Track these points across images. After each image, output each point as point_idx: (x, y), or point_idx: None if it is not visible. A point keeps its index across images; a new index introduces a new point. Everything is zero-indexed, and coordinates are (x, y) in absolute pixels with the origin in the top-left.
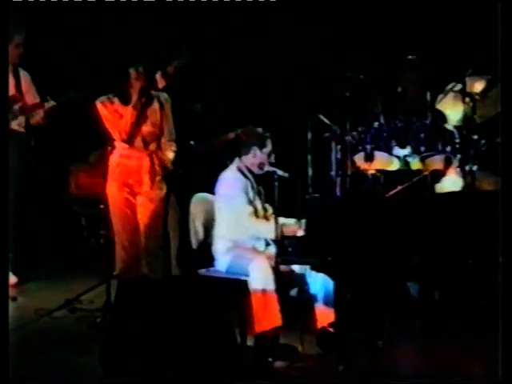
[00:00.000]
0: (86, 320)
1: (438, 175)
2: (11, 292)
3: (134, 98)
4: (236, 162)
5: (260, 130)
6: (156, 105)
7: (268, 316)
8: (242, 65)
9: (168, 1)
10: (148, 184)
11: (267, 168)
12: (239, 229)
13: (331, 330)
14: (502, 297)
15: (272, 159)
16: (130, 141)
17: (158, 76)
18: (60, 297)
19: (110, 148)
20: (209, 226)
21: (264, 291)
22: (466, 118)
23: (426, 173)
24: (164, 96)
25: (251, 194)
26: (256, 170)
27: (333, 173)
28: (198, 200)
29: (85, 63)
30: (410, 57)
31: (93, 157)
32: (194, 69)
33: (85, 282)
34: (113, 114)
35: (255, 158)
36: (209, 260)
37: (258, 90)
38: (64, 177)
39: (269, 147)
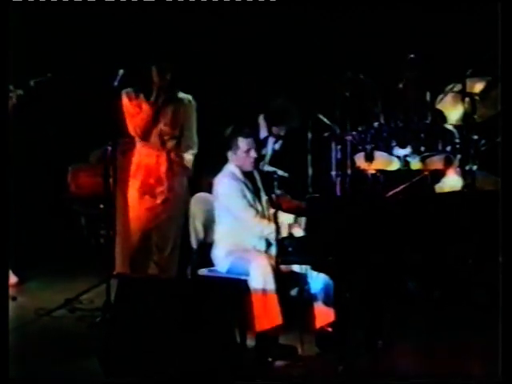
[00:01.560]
0: (85, 320)
1: (438, 175)
2: (11, 291)
3: (154, 95)
4: (228, 165)
5: (229, 130)
6: (179, 106)
7: (268, 315)
8: (242, 65)
9: (168, 1)
10: (168, 183)
11: (267, 168)
12: (242, 233)
13: (330, 329)
14: (502, 296)
15: (252, 155)
16: (145, 137)
17: None
18: (60, 296)
19: (109, 147)
20: (209, 226)
21: (264, 291)
22: (466, 118)
23: (426, 173)
24: (189, 98)
25: (249, 196)
26: (245, 170)
27: (333, 172)
28: (198, 199)
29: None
30: (410, 56)
31: (93, 156)
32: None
33: (85, 282)
34: (134, 108)
35: (235, 160)
36: (209, 259)
37: (258, 90)
38: (64, 176)
39: (243, 147)
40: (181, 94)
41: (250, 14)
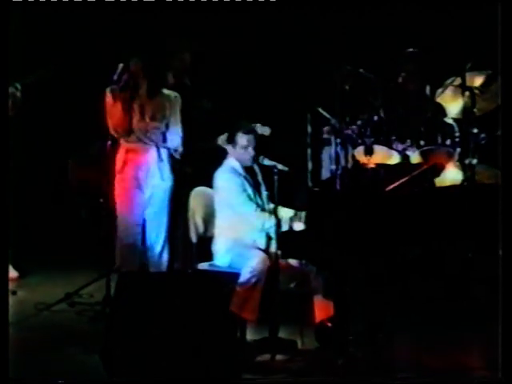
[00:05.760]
0: (85, 314)
1: (438, 169)
2: (11, 286)
3: (142, 91)
4: (228, 159)
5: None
6: (164, 100)
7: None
8: (242, 58)
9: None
10: (155, 177)
11: (266, 162)
12: (242, 227)
13: (329, 324)
14: (502, 290)
15: (250, 151)
16: (129, 133)
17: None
18: (60, 290)
19: (109, 141)
20: (208, 220)
21: (256, 284)
22: (466, 112)
23: (426, 166)
24: (174, 94)
25: (249, 190)
26: (245, 164)
27: (332, 166)
28: (198, 194)
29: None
30: (409, 49)
31: (93, 149)
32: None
33: (85, 276)
34: (117, 105)
35: (234, 154)
36: (209, 254)
37: (258, 84)
38: (64, 169)
39: (242, 142)
40: (166, 91)
41: (249, 5)
